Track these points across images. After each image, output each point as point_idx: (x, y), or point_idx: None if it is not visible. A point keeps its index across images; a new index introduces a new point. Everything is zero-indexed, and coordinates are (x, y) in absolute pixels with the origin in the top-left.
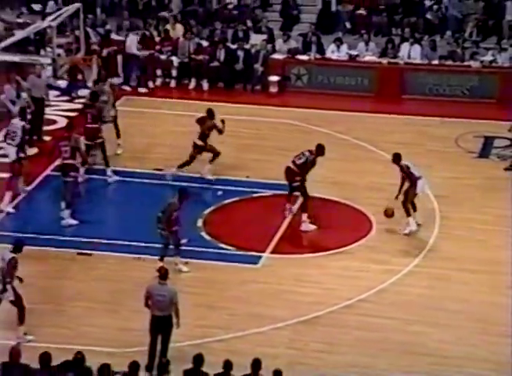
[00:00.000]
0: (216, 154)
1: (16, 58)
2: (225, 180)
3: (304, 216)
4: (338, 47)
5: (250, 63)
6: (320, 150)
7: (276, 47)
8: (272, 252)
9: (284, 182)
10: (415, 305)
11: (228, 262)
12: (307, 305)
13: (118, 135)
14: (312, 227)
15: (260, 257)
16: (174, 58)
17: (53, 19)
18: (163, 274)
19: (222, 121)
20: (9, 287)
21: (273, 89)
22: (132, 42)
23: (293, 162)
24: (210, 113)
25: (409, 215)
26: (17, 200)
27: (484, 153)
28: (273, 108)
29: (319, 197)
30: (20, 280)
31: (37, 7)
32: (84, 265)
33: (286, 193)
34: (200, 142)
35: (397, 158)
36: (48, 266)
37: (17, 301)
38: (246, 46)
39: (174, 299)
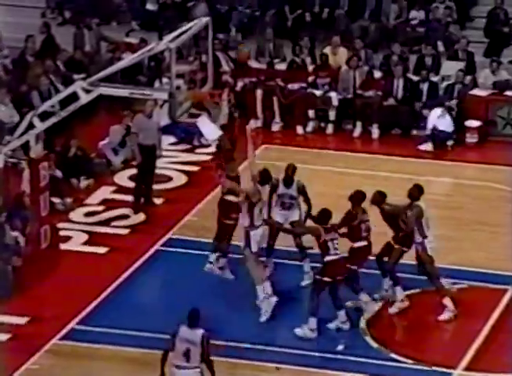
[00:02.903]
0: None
1: (124, 92)
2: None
3: None
4: None
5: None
6: None
7: (479, 80)
8: (467, 369)
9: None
10: None
11: None
12: None
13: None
14: None
15: (449, 374)
16: (333, 94)
17: (172, 40)
18: None
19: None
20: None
21: (471, 139)
22: None
23: None
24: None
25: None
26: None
27: None
28: (470, 165)
29: None
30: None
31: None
32: None
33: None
34: None
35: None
36: None
37: None
38: (435, 78)
39: None
